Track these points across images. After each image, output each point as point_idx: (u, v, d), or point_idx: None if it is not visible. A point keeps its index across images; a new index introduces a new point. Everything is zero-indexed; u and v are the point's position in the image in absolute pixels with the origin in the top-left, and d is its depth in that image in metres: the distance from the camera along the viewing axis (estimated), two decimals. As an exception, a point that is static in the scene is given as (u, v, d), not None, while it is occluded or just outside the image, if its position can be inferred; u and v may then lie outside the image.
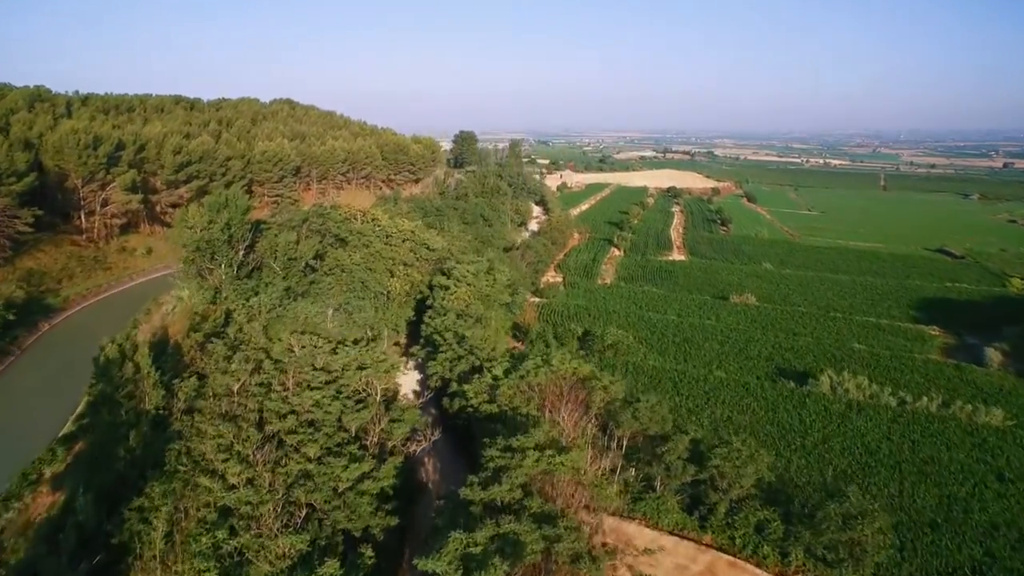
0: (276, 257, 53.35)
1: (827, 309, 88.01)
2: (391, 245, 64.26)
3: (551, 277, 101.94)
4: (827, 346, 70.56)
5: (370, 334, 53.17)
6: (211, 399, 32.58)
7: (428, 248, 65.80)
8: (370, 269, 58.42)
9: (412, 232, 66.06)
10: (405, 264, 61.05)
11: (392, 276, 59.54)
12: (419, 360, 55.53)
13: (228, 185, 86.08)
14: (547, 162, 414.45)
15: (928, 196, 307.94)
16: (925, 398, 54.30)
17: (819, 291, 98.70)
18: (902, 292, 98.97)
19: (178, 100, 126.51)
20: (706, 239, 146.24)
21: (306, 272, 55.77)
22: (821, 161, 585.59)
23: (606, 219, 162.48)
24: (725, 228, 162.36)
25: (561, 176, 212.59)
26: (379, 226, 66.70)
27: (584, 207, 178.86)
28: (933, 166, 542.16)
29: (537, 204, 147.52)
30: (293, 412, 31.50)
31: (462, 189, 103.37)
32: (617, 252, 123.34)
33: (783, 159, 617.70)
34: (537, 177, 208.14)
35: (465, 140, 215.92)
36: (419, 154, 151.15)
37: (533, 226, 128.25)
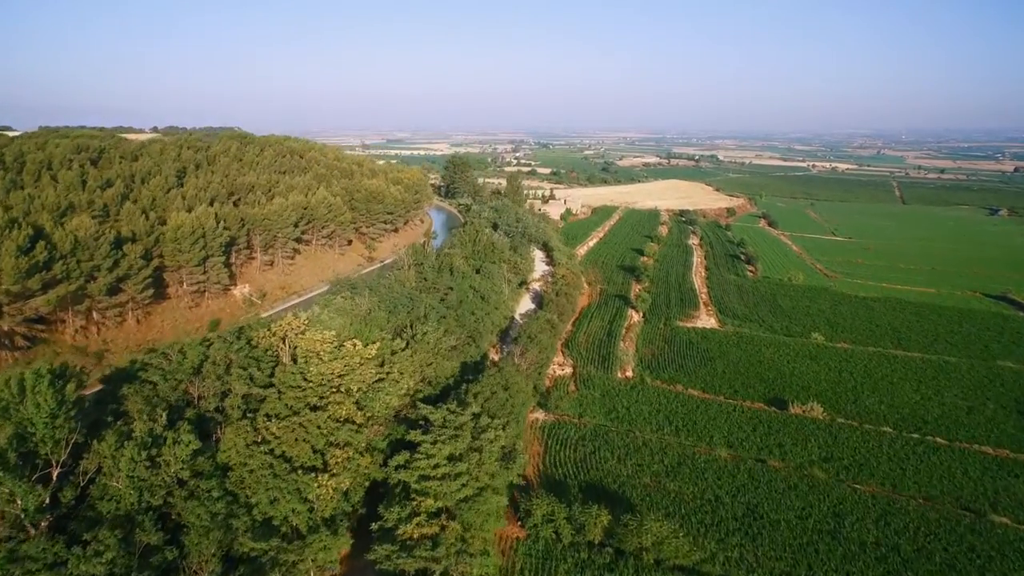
0: (119, 471, 31.88)
1: (919, 426, 66.10)
2: (331, 401, 42.50)
3: (558, 366, 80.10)
4: (957, 526, 48.57)
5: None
6: None
7: (386, 397, 44.10)
8: (288, 462, 36.82)
9: (362, 377, 44.31)
10: (346, 445, 39.39)
11: (325, 469, 37.85)
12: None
13: (121, 280, 62.33)
14: (548, 171, 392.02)
15: (952, 211, 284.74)
16: None
17: (893, 384, 76.89)
18: (998, 384, 77.12)
19: (79, 148, 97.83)
20: (734, 286, 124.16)
21: (181, 482, 34.19)
22: (828, 165, 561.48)
23: (618, 260, 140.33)
24: (752, 269, 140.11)
25: (565, 202, 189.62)
26: (317, 364, 44.90)
27: (592, 242, 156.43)
28: (943, 170, 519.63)
29: (540, 248, 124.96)
30: None
31: (446, 258, 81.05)
32: (636, 316, 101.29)
33: (788, 163, 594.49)
34: (539, 204, 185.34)
35: (457, 167, 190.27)
36: (398, 198, 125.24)
37: (536, 285, 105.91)
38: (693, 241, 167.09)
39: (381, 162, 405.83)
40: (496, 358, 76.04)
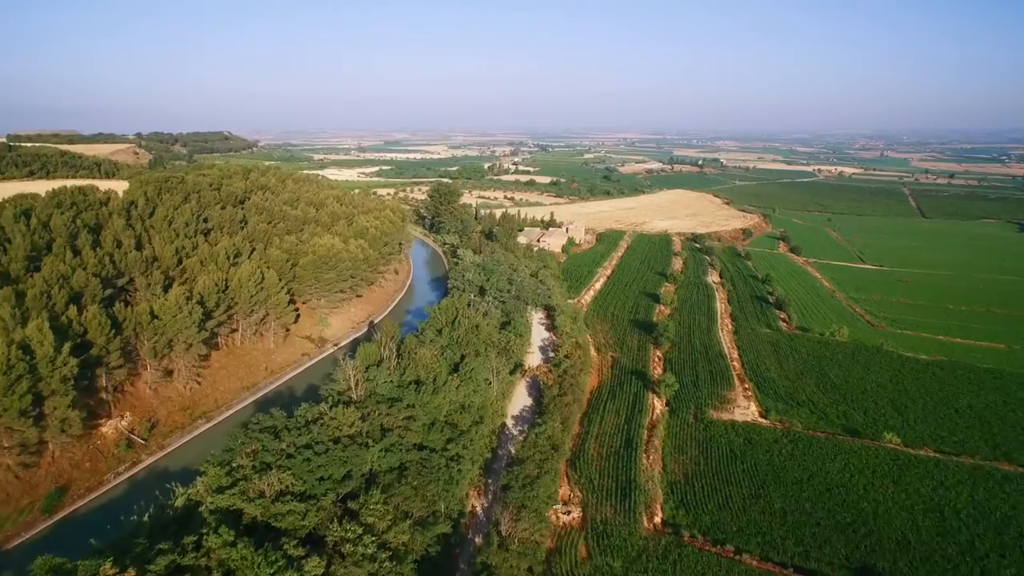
0: None
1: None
2: None
3: (562, 504, 58.31)
4: None
5: None
6: None
7: None
8: None
9: None
10: None
11: None
12: None
13: None
14: (548, 180, 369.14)
15: (977, 227, 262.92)
16: None
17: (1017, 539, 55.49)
18: None
19: None
20: (769, 346, 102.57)
21: None
22: (833, 170, 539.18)
23: (630, 310, 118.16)
24: (785, 317, 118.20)
25: (567, 230, 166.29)
26: None
27: (599, 283, 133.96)
28: (952, 175, 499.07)
29: (540, 307, 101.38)
30: None
31: (411, 362, 58.99)
32: (658, 404, 79.62)
33: (792, 167, 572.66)
34: (537, 233, 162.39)
35: (443, 195, 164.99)
36: (360, 258, 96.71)
37: (535, 369, 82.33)
38: (713, 278, 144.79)
39: (358, 172, 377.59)
40: (478, 507, 54.43)
